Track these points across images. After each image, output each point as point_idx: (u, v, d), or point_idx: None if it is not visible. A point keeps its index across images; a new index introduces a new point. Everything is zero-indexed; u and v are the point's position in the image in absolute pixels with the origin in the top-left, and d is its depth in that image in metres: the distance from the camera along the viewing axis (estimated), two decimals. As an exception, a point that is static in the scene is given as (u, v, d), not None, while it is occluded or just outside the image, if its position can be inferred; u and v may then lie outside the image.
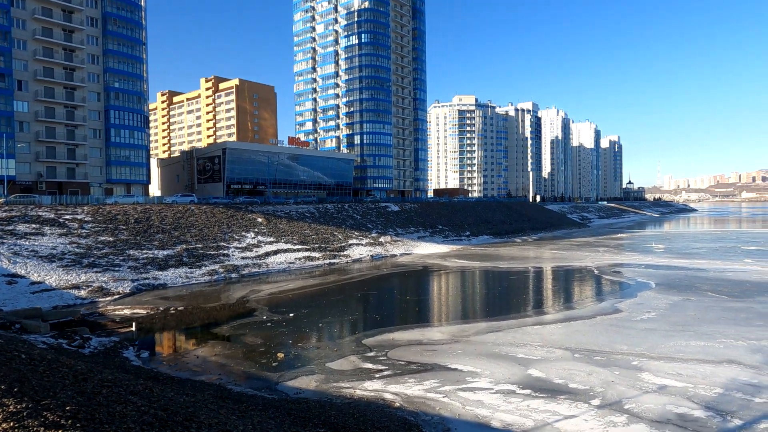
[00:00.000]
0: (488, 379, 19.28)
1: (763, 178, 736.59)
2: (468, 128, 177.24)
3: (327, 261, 56.42)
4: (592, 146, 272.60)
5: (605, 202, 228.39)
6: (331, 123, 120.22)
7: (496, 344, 24.24)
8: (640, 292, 37.20)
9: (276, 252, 55.09)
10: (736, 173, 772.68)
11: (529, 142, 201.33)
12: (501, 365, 20.98)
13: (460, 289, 43.10)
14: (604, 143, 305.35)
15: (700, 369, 20.06)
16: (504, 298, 38.12)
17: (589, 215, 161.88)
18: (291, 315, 31.11)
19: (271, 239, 58.67)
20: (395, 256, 64.29)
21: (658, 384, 18.49)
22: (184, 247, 49.75)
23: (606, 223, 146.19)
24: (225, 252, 51.41)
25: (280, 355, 23.05)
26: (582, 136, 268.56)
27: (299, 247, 58.63)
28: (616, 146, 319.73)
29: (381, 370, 20.58)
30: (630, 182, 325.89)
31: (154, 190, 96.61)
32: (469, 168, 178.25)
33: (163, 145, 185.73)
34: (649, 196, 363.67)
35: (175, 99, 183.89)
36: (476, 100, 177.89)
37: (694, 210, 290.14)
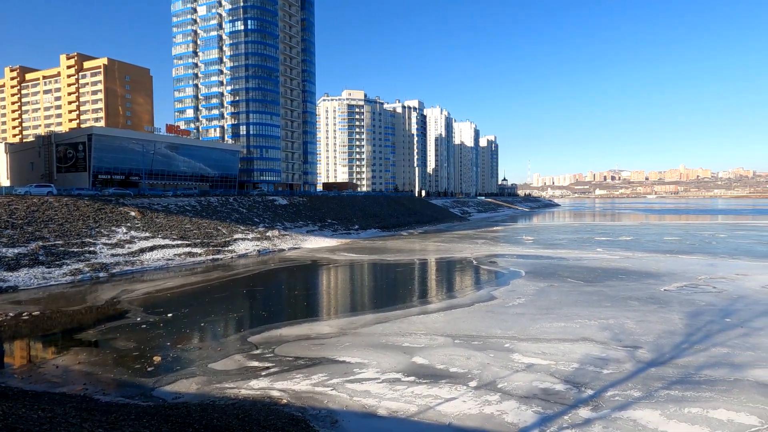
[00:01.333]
0: (375, 369, 19.75)
1: (612, 177, 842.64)
2: (357, 123, 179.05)
3: (210, 257, 53.65)
4: (473, 145, 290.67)
5: (483, 198, 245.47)
6: (215, 112, 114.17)
7: (383, 335, 24.89)
8: (512, 280, 40.55)
9: (152, 248, 51.11)
10: (592, 173, 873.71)
11: (416, 138, 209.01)
12: (387, 355, 21.60)
13: (348, 282, 43.53)
14: (483, 142, 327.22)
15: (561, 347, 22.42)
16: (391, 289, 39.25)
17: (470, 209, 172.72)
18: (169, 315, 29.11)
19: (147, 234, 54.29)
20: (283, 250, 63.07)
21: (526, 363, 20.33)
22: (41, 244, 44.09)
23: (484, 217, 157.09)
24: (91, 249, 46.50)
25: (157, 358, 21.46)
26: (463, 135, 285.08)
27: (179, 242, 55.00)
28: (493, 145, 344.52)
29: (268, 368, 20.09)
30: (505, 179, 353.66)
31: (2, 179, 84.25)
32: (358, 162, 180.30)
33: (14, 128, 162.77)
34: (520, 192, 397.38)
35: (29, 76, 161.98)
36: (365, 96, 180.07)
37: (558, 205, 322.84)
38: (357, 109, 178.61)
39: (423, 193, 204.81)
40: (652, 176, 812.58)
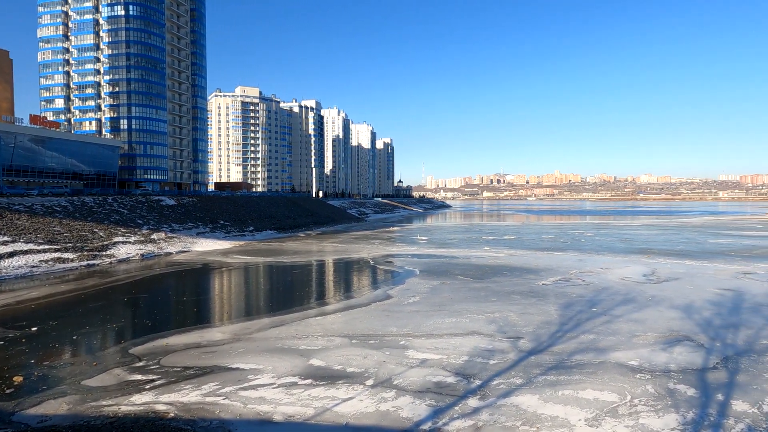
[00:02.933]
0: (271, 375, 19.23)
1: (498, 181, 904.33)
2: (252, 121, 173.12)
3: (85, 262, 48.68)
4: (369, 147, 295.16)
5: (380, 199, 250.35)
6: (91, 103, 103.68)
7: (279, 338, 24.34)
8: (407, 279, 41.81)
9: (12, 254, 45.17)
10: (480, 176, 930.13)
11: (313, 139, 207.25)
12: (283, 359, 21.15)
13: (243, 285, 41.95)
14: (380, 144, 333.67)
15: (452, 341, 23.56)
16: (288, 292, 38.51)
17: (367, 210, 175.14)
18: (33, 329, 25.90)
19: (6, 239, 47.83)
20: (171, 254, 59.11)
21: (420, 359, 21.06)
22: None
23: (381, 218, 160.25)
24: (-68, 256, 39.91)
25: (18, 378, 18.97)
26: (360, 136, 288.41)
27: (46, 247, 49.18)
28: (390, 147, 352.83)
29: (152, 380, 18.67)
30: (401, 181, 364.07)
31: None
32: (253, 162, 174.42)
33: None
34: (415, 194, 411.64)
35: None
36: (260, 93, 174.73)
37: (449, 206, 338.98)
38: (252, 107, 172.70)
39: (320, 193, 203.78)
40: (532, 180, 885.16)
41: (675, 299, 32.92)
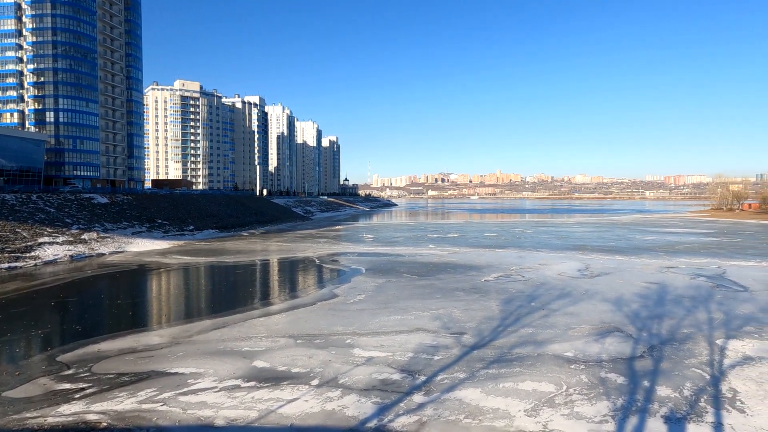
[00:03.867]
0: (212, 378, 18.65)
1: (443, 180, 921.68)
2: (192, 116, 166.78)
3: (6, 265, 45.25)
4: (315, 144, 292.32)
5: (326, 197, 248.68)
6: (12, 93, 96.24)
7: (221, 341, 23.65)
8: (353, 277, 41.78)
9: None
10: (425, 175, 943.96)
11: (257, 136, 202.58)
12: (226, 361, 20.57)
13: (183, 287, 40.41)
14: (326, 142, 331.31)
15: (398, 339, 23.77)
16: (230, 292, 37.49)
17: (312, 209, 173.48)
18: (-54, 338, 23.76)
19: None
20: (104, 255, 56.03)
21: (366, 357, 21.11)
22: None
23: (327, 216, 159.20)
24: None
25: (-73, 393, 17.34)
26: (306, 134, 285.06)
27: (-39, 249, 45.29)
28: (335, 146, 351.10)
29: (82, 389, 17.62)
30: (347, 179, 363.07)
31: None
32: (193, 159, 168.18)
33: None
34: (361, 192, 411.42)
35: None
36: (201, 88, 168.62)
37: (395, 205, 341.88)
38: (192, 102, 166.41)
39: (265, 192, 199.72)
40: (475, 179, 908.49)
41: (606, 293, 34.83)
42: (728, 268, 46.02)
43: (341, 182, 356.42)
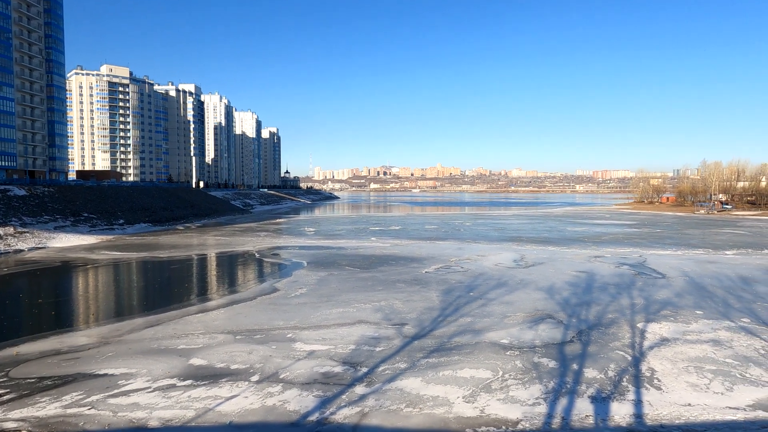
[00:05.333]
0: (145, 378, 17.86)
1: (384, 173, 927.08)
2: (122, 104, 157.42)
3: None
4: (254, 136, 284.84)
5: (266, 190, 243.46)
6: None
7: (155, 339, 22.67)
8: (295, 271, 41.27)
9: None
10: (367, 168, 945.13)
11: (192, 126, 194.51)
12: (160, 360, 19.75)
13: (112, 284, 38.29)
14: (266, 134, 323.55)
15: (340, 331, 23.77)
16: (165, 289, 35.98)
17: (252, 202, 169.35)
18: None
19: None
20: (22, 251, 52.06)
21: (308, 351, 20.96)
22: None
23: (267, 209, 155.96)
24: None
25: None
26: (245, 125, 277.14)
27: None
28: (276, 137, 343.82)
29: (-1, 396, 16.34)
30: (287, 171, 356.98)
31: None
32: (123, 149, 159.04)
33: None
34: (303, 185, 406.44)
35: None
36: (131, 74, 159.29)
37: (337, 197, 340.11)
38: (121, 88, 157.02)
39: (202, 184, 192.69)
40: (417, 173, 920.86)
41: (540, 282, 36.49)
42: (648, 257, 49.51)
43: (282, 175, 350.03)
